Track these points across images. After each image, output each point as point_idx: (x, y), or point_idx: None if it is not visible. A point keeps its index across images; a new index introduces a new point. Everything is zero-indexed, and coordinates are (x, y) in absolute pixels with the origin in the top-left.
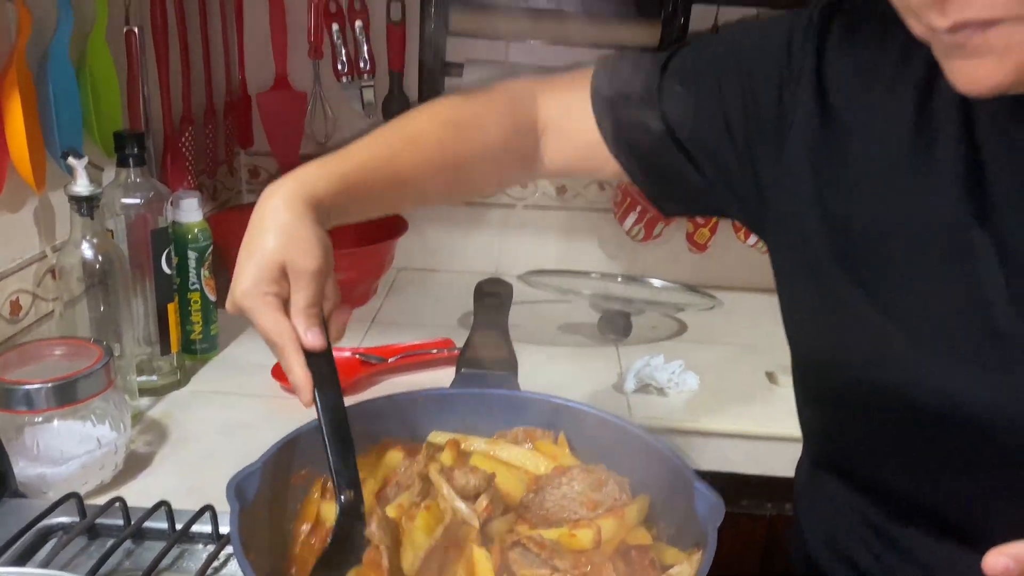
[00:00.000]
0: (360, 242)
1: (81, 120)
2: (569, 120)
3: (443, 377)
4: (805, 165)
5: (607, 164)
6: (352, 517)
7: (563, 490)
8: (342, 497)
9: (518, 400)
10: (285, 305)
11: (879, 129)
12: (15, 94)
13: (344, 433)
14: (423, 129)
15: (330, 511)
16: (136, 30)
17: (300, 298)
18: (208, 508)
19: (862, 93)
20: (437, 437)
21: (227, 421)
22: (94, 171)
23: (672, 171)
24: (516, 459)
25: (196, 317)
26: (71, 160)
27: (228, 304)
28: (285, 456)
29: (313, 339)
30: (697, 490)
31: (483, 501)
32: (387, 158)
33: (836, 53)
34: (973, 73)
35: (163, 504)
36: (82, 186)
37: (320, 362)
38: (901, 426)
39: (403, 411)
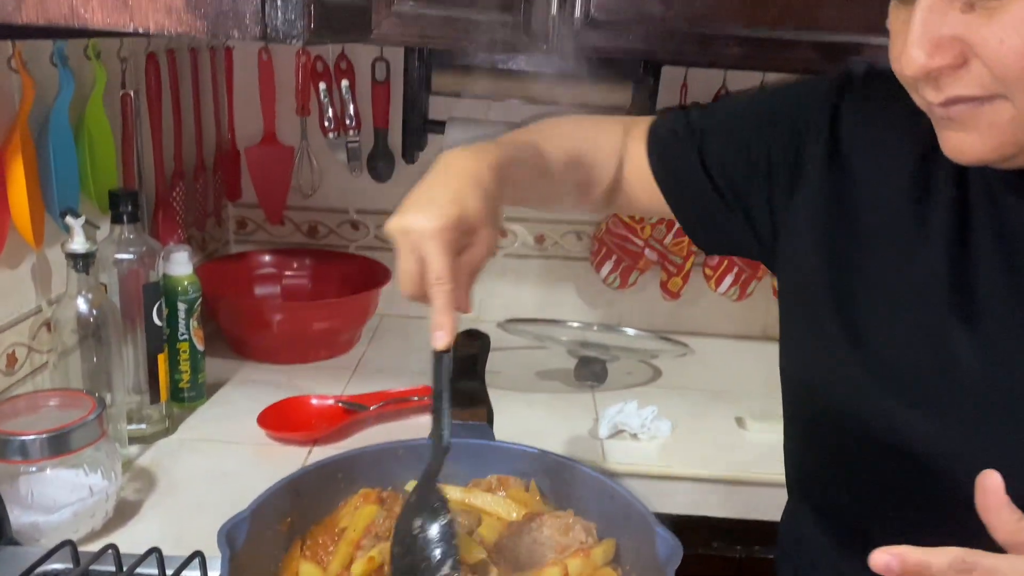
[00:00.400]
0: (344, 291)
1: (78, 179)
2: (636, 157)
3: (424, 424)
4: (813, 208)
5: (656, 198)
6: (434, 471)
7: (534, 535)
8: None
9: (492, 449)
10: None
11: (882, 182)
12: (18, 158)
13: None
14: (560, 133)
15: (308, 570)
16: (132, 93)
17: (478, 260)
18: (197, 554)
19: (870, 149)
20: (414, 486)
21: (214, 468)
22: (90, 229)
23: (704, 205)
24: (489, 506)
25: (185, 366)
26: (69, 219)
27: (408, 224)
28: (272, 504)
29: (466, 304)
30: (658, 534)
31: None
32: (536, 153)
33: (851, 112)
34: (959, 145)
35: (154, 551)
36: (79, 244)
37: None
38: (866, 461)
39: (381, 461)
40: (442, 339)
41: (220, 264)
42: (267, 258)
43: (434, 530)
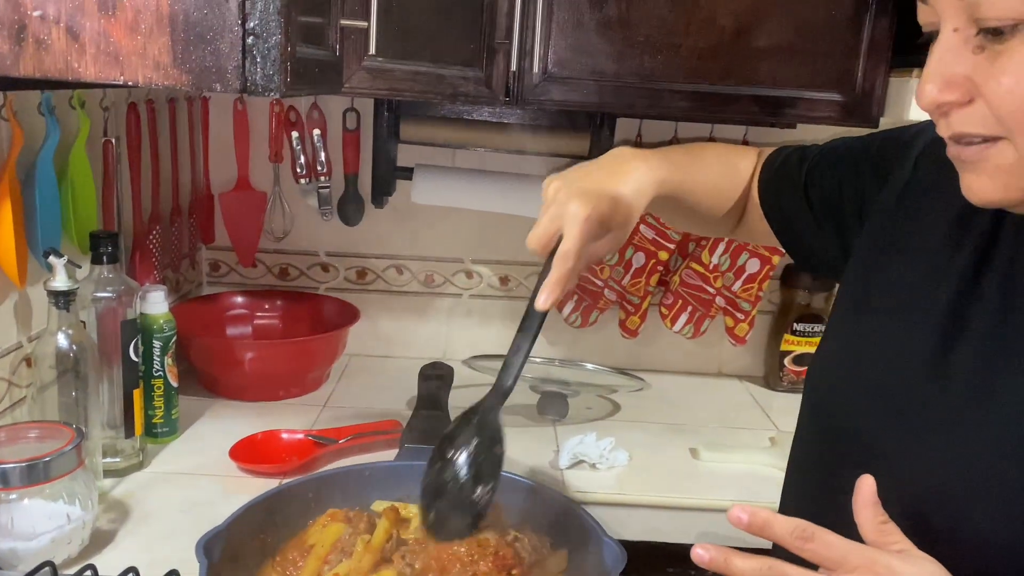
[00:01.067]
0: (314, 331)
1: (60, 222)
2: (755, 183)
3: (391, 456)
4: (874, 234)
5: (764, 222)
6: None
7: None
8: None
9: None
10: None
11: (934, 215)
12: (7, 201)
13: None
14: (708, 159)
15: None
16: (113, 140)
17: (600, 253)
18: (173, 572)
19: (934, 188)
20: (379, 505)
21: (186, 499)
22: (71, 268)
23: (800, 228)
24: None
25: (158, 402)
26: (52, 259)
27: (564, 198)
28: (247, 520)
29: (574, 284)
30: (605, 543)
31: None
32: (692, 176)
33: (928, 157)
34: (971, 186)
35: (131, 570)
36: (61, 282)
37: None
38: (845, 464)
39: (351, 482)
40: (545, 301)
41: (193, 305)
42: (239, 299)
43: (489, 454)
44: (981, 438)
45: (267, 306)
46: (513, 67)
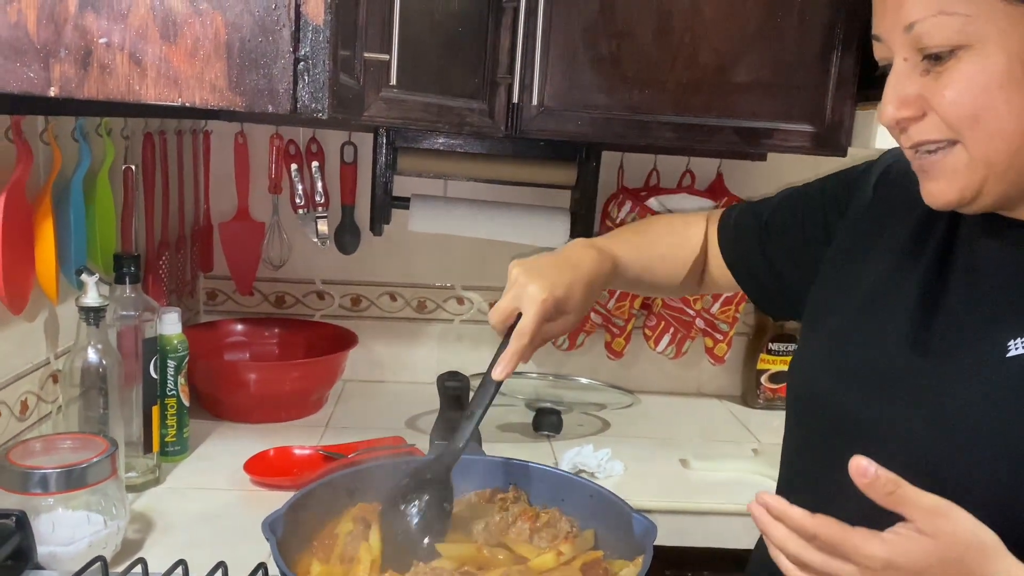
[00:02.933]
0: (311, 356)
1: (87, 242)
2: (714, 244)
3: None
4: (843, 248)
5: (729, 275)
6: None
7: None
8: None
9: (485, 463)
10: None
11: (898, 224)
12: (48, 221)
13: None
14: (657, 232)
15: (317, 568)
16: (133, 167)
17: (554, 333)
18: (221, 565)
19: (898, 204)
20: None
21: (206, 512)
22: (102, 286)
23: (761, 272)
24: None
25: (171, 421)
26: (84, 276)
27: (524, 280)
28: (299, 507)
29: (528, 358)
30: (635, 518)
31: None
32: (643, 251)
33: (887, 181)
34: (933, 191)
35: (181, 563)
36: (93, 298)
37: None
38: (825, 440)
39: (389, 476)
40: (501, 372)
41: (193, 332)
42: (238, 327)
43: (439, 510)
44: (960, 395)
45: (265, 333)
46: (514, 99)
